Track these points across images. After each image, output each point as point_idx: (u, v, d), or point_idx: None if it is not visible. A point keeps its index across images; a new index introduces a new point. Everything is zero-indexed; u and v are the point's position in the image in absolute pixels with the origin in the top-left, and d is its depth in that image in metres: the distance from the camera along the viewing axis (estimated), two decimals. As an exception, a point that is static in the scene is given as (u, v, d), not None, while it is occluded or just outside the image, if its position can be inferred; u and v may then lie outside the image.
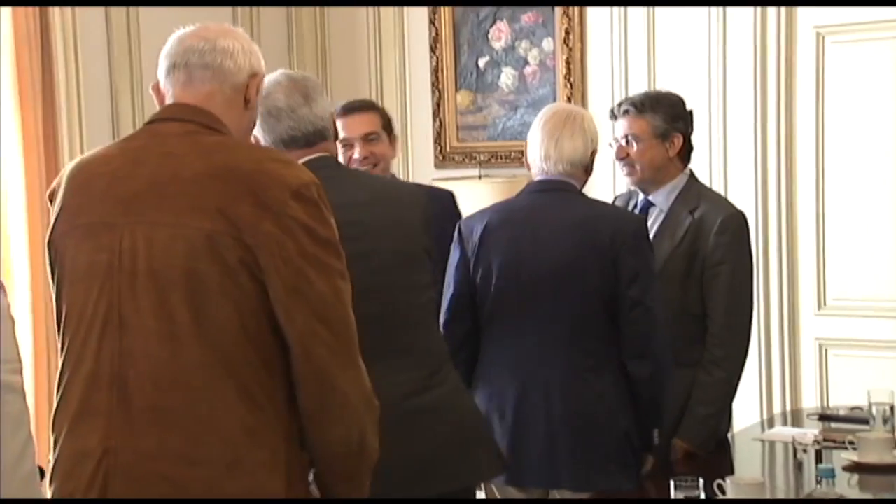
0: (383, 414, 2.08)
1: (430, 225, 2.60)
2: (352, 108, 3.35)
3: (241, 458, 1.90)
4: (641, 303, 2.82)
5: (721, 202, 3.29)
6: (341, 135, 3.14)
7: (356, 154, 3.28)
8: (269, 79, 2.50)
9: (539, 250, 2.87)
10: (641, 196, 3.24)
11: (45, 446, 2.07)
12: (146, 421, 1.90)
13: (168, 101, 2.07)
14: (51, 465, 1.98)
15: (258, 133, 2.48)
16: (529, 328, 2.89)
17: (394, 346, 2.44)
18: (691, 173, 3.24)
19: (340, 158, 3.13)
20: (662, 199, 3.20)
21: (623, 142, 3.17)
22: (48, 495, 1.99)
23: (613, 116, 3.22)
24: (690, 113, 3.26)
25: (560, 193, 2.93)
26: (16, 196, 4.06)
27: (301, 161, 2.44)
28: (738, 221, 3.16)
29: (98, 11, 4.32)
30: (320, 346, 1.92)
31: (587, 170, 2.98)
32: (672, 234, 3.13)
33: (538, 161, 2.95)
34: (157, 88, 2.10)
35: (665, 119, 3.17)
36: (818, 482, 2.55)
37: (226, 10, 4.91)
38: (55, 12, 3.99)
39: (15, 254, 4.08)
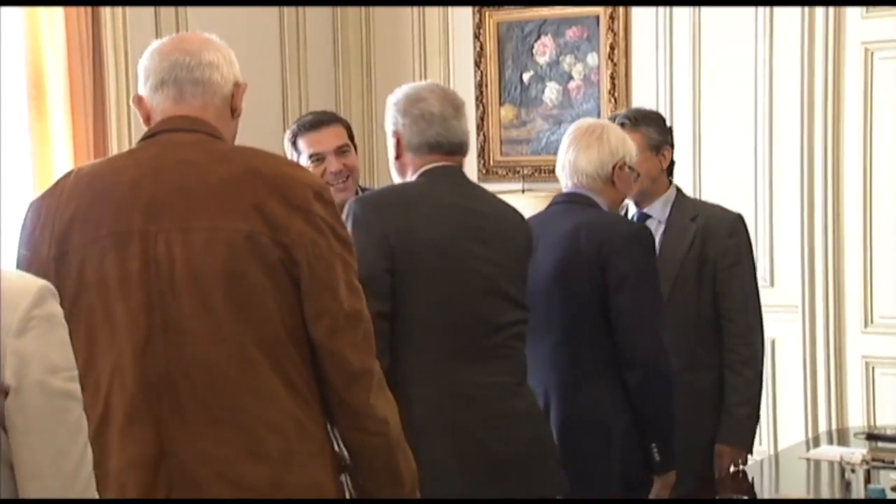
0: (477, 410, 2.10)
1: (531, 248, 2.64)
2: (321, 122, 3.17)
3: (295, 451, 1.94)
4: (628, 309, 2.80)
5: (719, 209, 3.33)
6: (310, 150, 3.10)
7: (331, 168, 3.10)
8: (421, 86, 2.61)
9: (534, 261, 2.89)
10: (634, 210, 3.27)
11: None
12: (202, 423, 1.91)
13: (157, 116, 2.06)
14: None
15: (404, 133, 2.53)
16: (531, 337, 2.89)
17: (493, 350, 2.50)
18: (677, 187, 3.30)
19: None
20: (658, 210, 3.24)
21: None
22: None
23: None
24: (670, 129, 3.33)
25: (567, 205, 2.95)
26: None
27: (433, 166, 2.54)
28: (742, 225, 3.26)
29: (148, 17, 4.34)
30: (348, 341, 1.96)
31: (613, 182, 2.94)
32: (680, 241, 3.18)
33: (559, 174, 3.00)
34: (139, 101, 2.10)
35: (657, 132, 3.23)
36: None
37: (272, 11, 4.88)
38: (107, 19, 4.02)
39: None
